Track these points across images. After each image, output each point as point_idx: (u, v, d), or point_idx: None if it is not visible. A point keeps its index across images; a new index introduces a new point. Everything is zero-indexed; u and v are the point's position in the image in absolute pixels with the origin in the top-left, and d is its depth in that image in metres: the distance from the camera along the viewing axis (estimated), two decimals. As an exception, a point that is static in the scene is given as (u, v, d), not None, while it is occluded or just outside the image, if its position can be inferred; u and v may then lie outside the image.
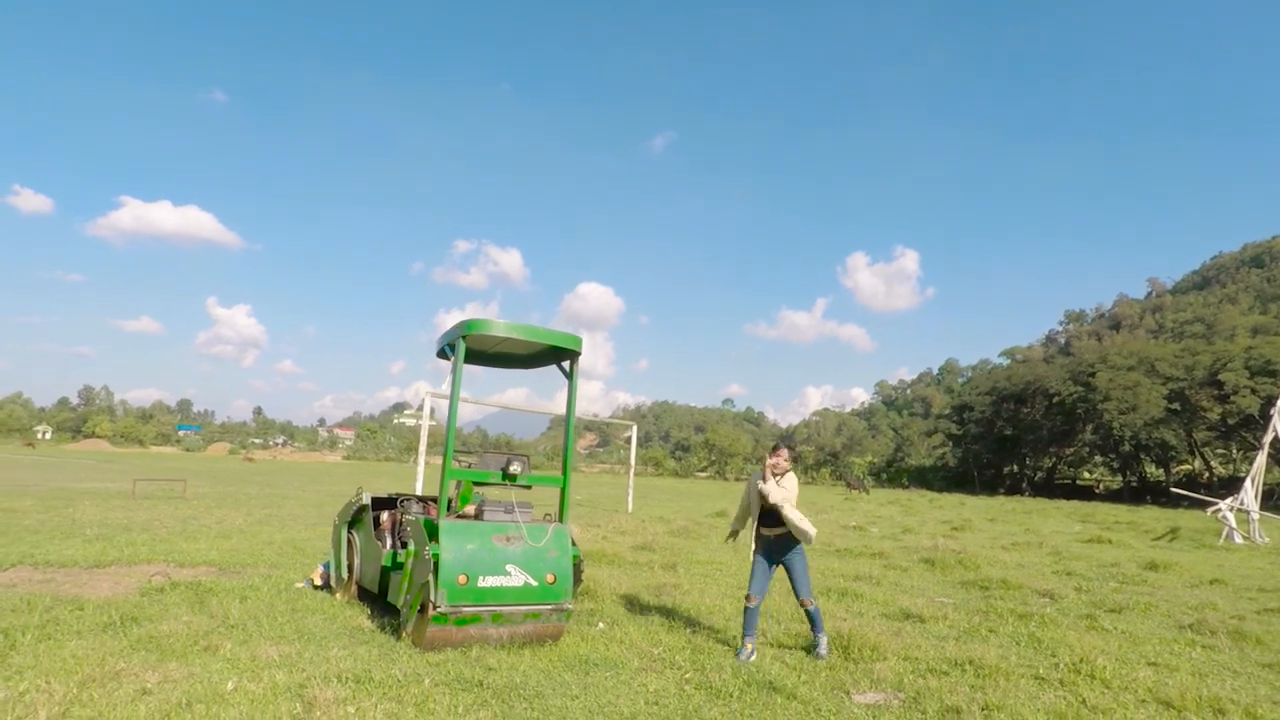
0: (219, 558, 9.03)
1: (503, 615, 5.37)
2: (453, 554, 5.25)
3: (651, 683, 4.87)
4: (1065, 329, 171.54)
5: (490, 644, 5.38)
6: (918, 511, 27.62)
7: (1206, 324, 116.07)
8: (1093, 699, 4.80)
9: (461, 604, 5.20)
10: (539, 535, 5.65)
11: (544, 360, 6.68)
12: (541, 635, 5.56)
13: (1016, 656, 5.86)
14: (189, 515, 14.17)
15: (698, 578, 9.38)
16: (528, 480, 5.93)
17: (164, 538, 10.58)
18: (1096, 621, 7.34)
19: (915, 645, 6.07)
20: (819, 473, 76.91)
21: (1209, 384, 45.30)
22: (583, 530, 13.62)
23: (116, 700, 3.91)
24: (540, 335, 5.87)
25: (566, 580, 5.61)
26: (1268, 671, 5.75)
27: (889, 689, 4.92)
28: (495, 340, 6.11)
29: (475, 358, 6.74)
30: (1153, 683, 5.18)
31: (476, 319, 5.67)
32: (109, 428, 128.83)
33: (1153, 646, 6.41)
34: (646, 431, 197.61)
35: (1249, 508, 18.70)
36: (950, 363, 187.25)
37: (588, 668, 5.13)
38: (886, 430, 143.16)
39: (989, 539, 16.68)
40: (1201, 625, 7.12)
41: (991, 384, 64.62)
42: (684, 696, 4.63)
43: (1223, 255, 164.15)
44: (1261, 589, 10.09)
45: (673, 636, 6.07)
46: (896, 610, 7.54)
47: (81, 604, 6.04)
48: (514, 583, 5.40)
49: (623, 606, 7.22)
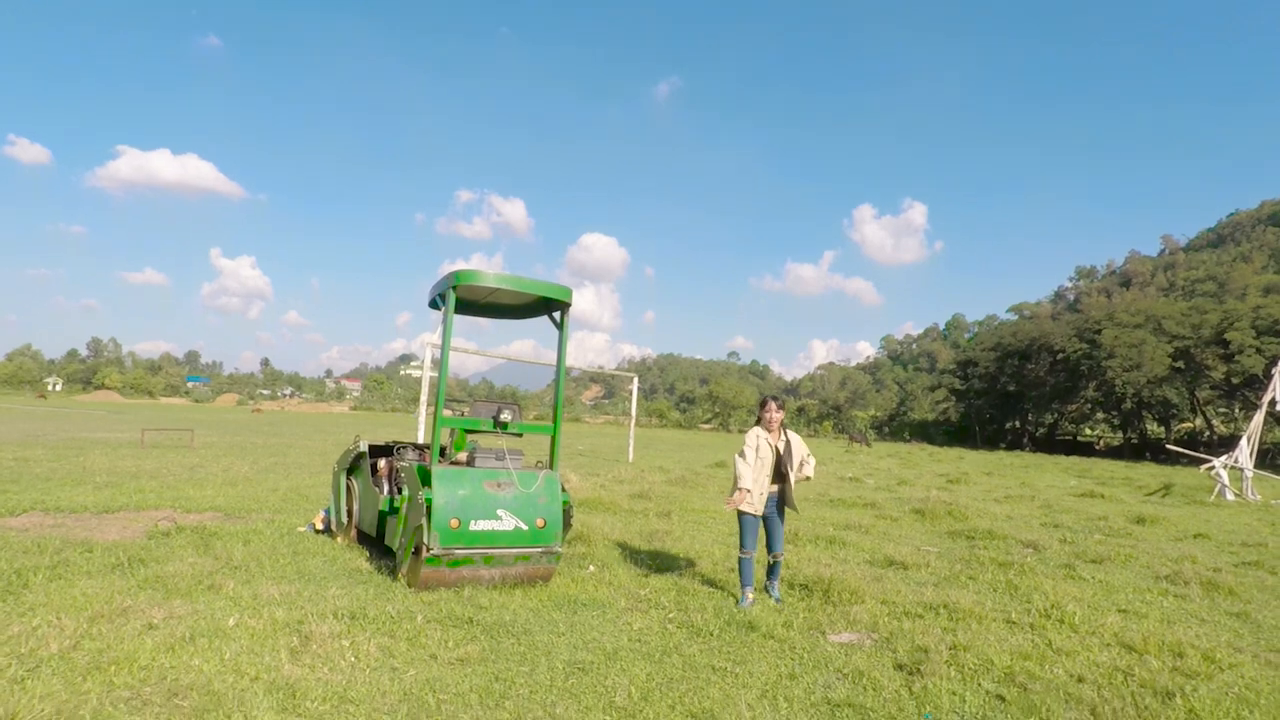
0: (224, 504, 9.30)
1: (494, 557, 5.57)
2: (445, 499, 5.42)
3: (636, 621, 5.08)
4: (1075, 285, 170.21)
5: (482, 584, 5.59)
6: (916, 465, 27.94)
7: (1218, 282, 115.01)
8: (1058, 641, 4.99)
9: (454, 546, 5.39)
10: (529, 481, 5.81)
11: (535, 311, 6.77)
12: (532, 577, 5.77)
13: (991, 602, 6.07)
14: (196, 464, 14.48)
15: (690, 525, 9.62)
16: (518, 428, 6.08)
17: (171, 485, 10.86)
18: (1075, 571, 7.55)
19: (895, 591, 6.27)
20: (821, 426, 77.41)
21: (1215, 343, 45.09)
22: (581, 479, 13.89)
23: (124, 634, 4.13)
24: (529, 286, 5.95)
25: (556, 525, 5.80)
26: (1234, 620, 5.94)
27: (864, 630, 5.13)
28: (485, 291, 6.18)
29: (466, 308, 6.83)
30: (1119, 628, 5.37)
31: (466, 269, 5.74)
32: (118, 379, 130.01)
33: (1125, 595, 6.61)
34: (652, 384, 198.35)
35: (1243, 465, 18.87)
36: (957, 318, 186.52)
37: (576, 607, 5.35)
38: (891, 385, 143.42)
39: (983, 492, 16.94)
40: (1177, 576, 7.32)
41: (996, 340, 64.48)
42: (666, 634, 4.84)
43: (1239, 213, 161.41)
44: (1244, 543, 10.28)
45: (660, 580, 6.29)
46: (881, 558, 7.76)
47: (91, 546, 6.28)
48: (505, 527, 5.59)
49: (614, 551, 7.44)
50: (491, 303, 6.72)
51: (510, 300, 6.63)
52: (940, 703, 3.85)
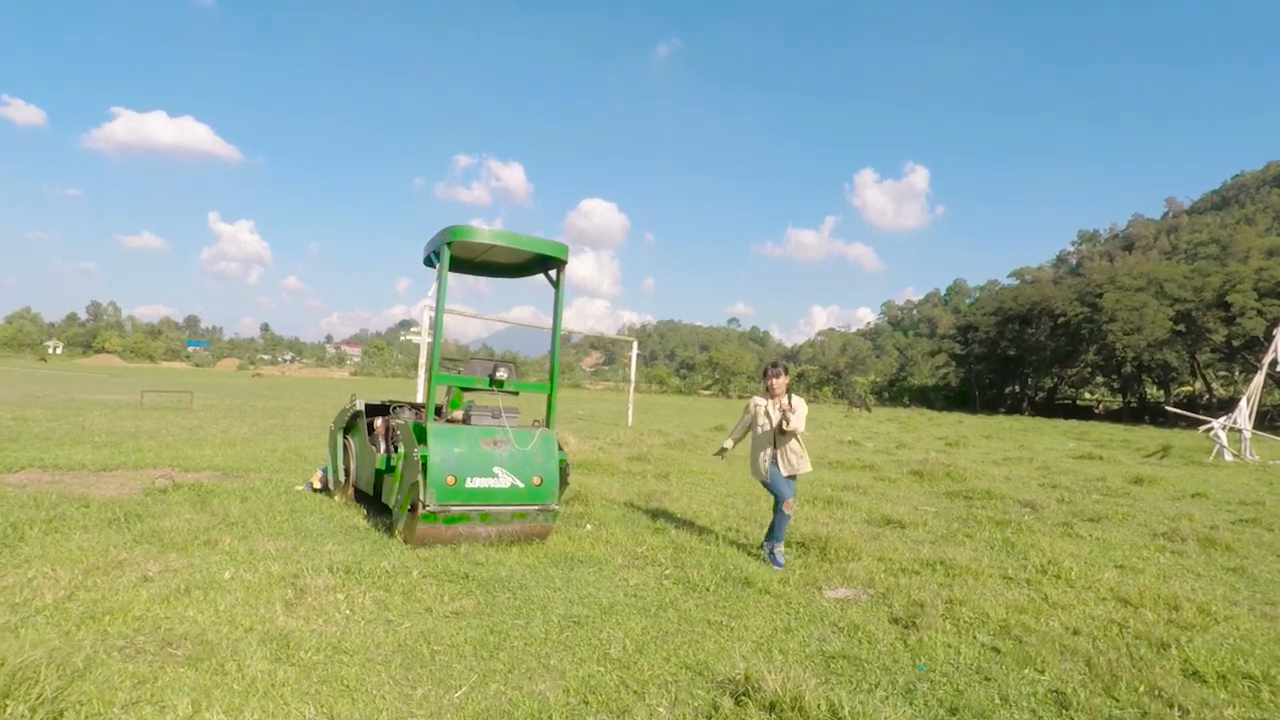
0: (223, 463, 9.29)
1: (490, 515, 5.56)
2: (441, 456, 5.39)
3: (632, 578, 5.09)
4: (1077, 249, 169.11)
5: (479, 542, 5.59)
6: (915, 429, 28.02)
7: (1221, 245, 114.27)
8: (1054, 596, 5.00)
9: (450, 503, 5.37)
10: (526, 439, 5.78)
11: (531, 269, 6.66)
12: (529, 534, 5.77)
13: (988, 559, 6.08)
14: (195, 425, 14.48)
15: (689, 486, 9.64)
16: (515, 386, 6.03)
17: (170, 444, 10.86)
18: (1072, 529, 7.56)
19: (892, 548, 6.28)
20: (821, 391, 77.59)
21: (1217, 305, 44.94)
22: (580, 442, 13.89)
23: (119, 586, 4.12)
24: (525, 243, 5.84)
25: (553, 483, 5.78)
26: (1230, 575, 5.96)
27: (860, 586, 5.13)
28: (481, 248, 6.08)
29: (461, 266, 6.72)
30: (1115, 583, 5.38)
31: (461, 226, 5.63)
32: (119, 343, 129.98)
33: (1122, 552, 6.63)
34: (652, 350, 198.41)
35: (1242, 426, 18.89)
36: (958, 283, 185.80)
37: (572, 564, 5.35)
38: (891, 351, 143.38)
39: (981, 454, 16.99)
40: (1174, 533, 7.33)
41: (997, 304, 64.27)
42: (662, 590, 4.84)
43: (1244, 175, 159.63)
44: (1242, 502, 10.32)
45: (657, 538, 6.29)
46: (878, 517, 7.77)
47: (88, 502, 6.27)
48: (501, 484, 5.57)
49: (612, 511, 7.45)
50: (487, 261, 6.61)
51: (506, 258, 6.52)
52: (935, 655, 3.85)
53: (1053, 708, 3.28)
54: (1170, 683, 3.54)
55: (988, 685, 3.49)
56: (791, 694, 3.02)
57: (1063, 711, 3.24)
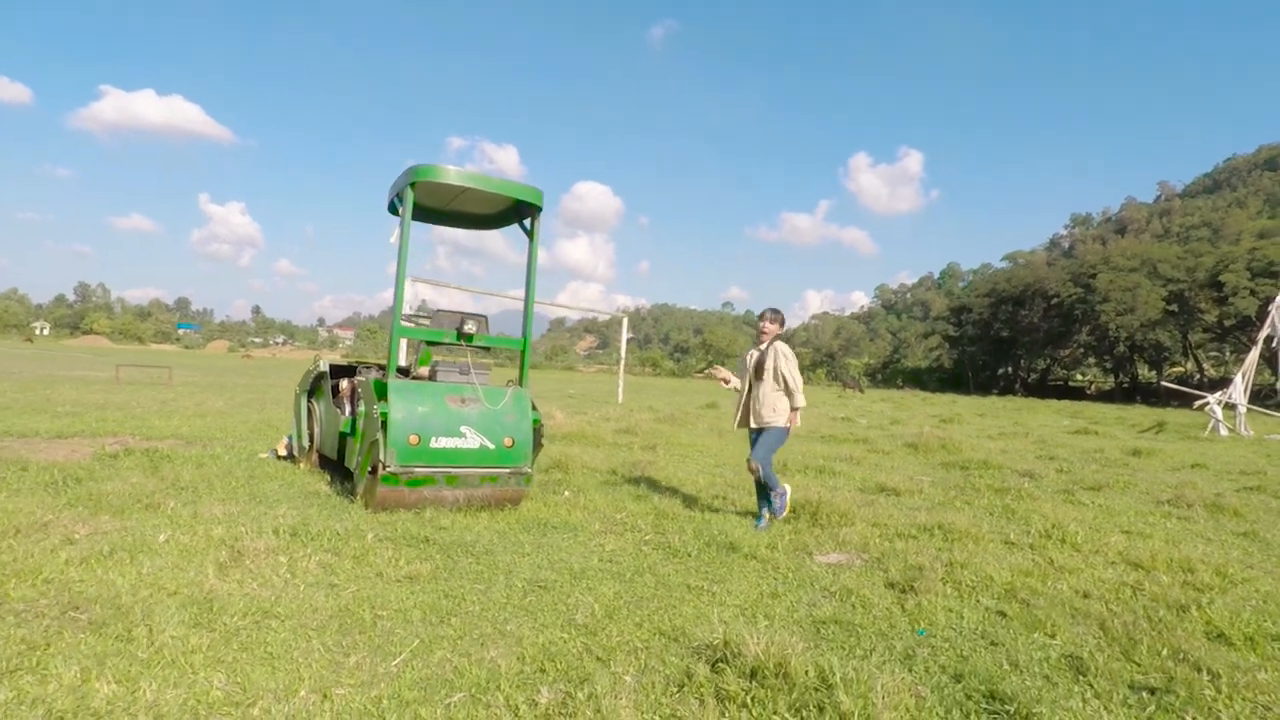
0: (189, 432, 8.89)
1: (458, 477, 5.18)
2: (403, 413, 5.00)
3: (609, 543, 4.72)
4: (1070, 232, 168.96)
5: (446, 506, 5.22)
6: (909, 408, 27.75)
7: (1213, 228, 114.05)
8: (1061, 560, 4.66)
9: (413, 464, 4.99)
10: (496, 398, 5.39)
11: (505, 219, 6.24)
12: (500, 499, 5.39)
13: (989, 525, 5.74)
14: (169, 399, 14.04)
15: (676, 457, 9.29)
16: (485, 341, 5.63)
17: (137, 415, 10.43)
18: (1074, 497, 7.24)
19: (887, 515, 5.94)
20: (815, 374, 77.43)
21: (1209, 285, 44.78)
22: (567, 417, 13.51)
23: (36, 549, 3.72)
24: (498, 186, 5.41)
25: (526, 444, 5.40)
26: (1242, 539, 5.64)
27: (853, 550, 4.79)
28: (450, 193, 5.66)
29: (429, 215, 6.29)
30: (1124, 547, 5.05)
31: (426, 165, 5.19)
32: (107, 324, 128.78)
33: (1128, 518, 6.31)
34: (646, 334, 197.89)
35: (1237, 401, 18.68)
36: (952, 266, 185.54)
37: (546, 530, 4.99)
38: (885, 334, 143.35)
39: (976, 430, 16.70)
40: (1179, 500, 7.02)
41: (991, 286, 64.06)
42: (640, 555, 4.48)
43: (1236, 158, 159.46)
44: (1243, 472, 10.04)
45: (639, 505, 5.93)
46: (873, 485, 7.43)
47: (26, 465, 5.86)
48: (469, 444, 5.18)
49: (593, 478, 7.09)
50: (458, 210, 6.19)
51: (478, 206, 6.10)
52: (936, 619, 3.50)
53: (1068, 673, 2.93)
54: (1194, 645, 3.20)
55: (994, 650, 3.14)
56: (776, 659, 2.66)
57: (1080, 677, 2.89)
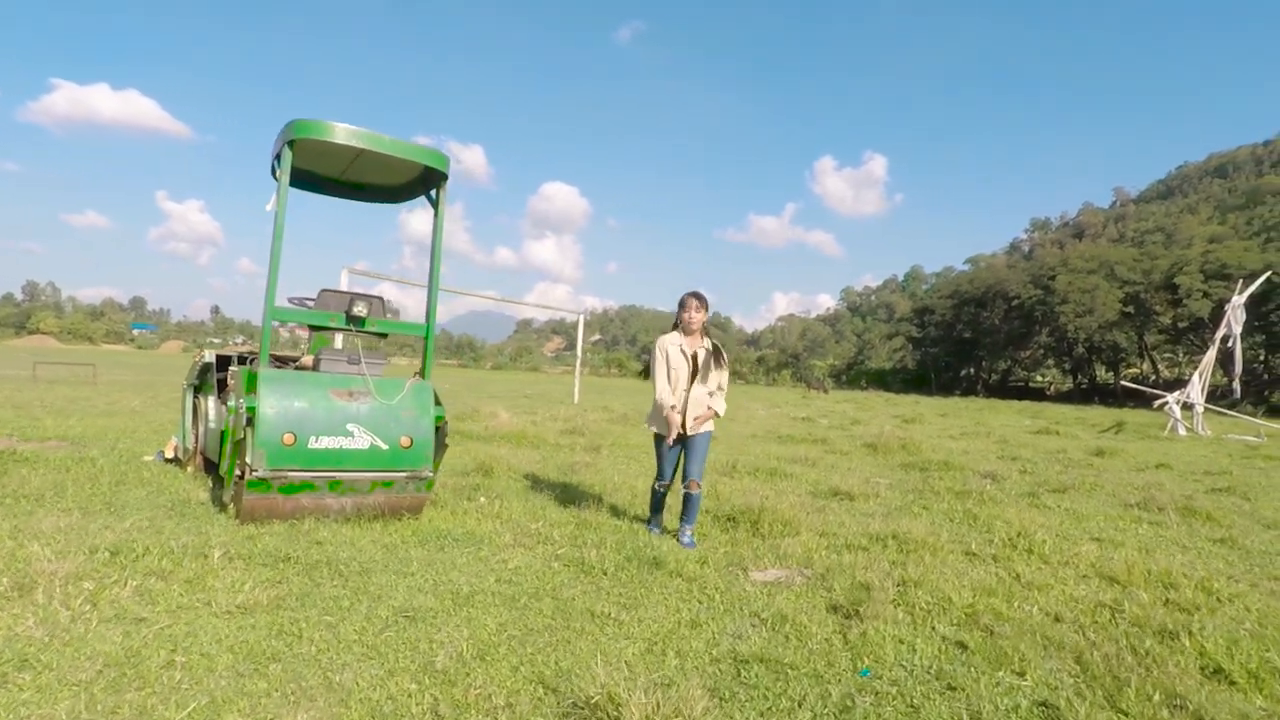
0: (80, 433, 8.00)
1: (344, 483, 4.47)
2: (276, 408, 4.28)
3: (515, 559, 4.06)
4: (1030, 237, 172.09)
5: (331, 516, 4.50)
6: (871, 408, 27.45)
7: (1166, 233, 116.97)
8: (1028, 574, 4.11)
9: (286, 468, 4.27)
10: (391, 391, 4.69)
11: (411, 190, 5.53)
12: (397, 507, 4.69)
13: (948, 533, 5.19)
14: (84, 397, 13.01)
15: (620, 459, 8.65)
16: (380, 326, 4.91)
17: (31, 414, 9.47)
18: (1039, 500, 6.76)
19: (837, 522, 5.37)
20: (780, 375, 77.44)
21: (1165, 288, 45.45)
22: (513, 416, 12.77)
23: None
24: (394, 147, 4.69)
25: (426, 444, 4.70)
26: (1220, 547, 5.17)
27: (795, 565, 4.18)
28: (342, 156, 4.94)
29: (325, 185, 5.54)
30: (1095, 557, 4.53)
31: (306, 120, 4.47)
32: (55, 324, 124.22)
33: (1097, 523, 5.82)
34: (614, 335, 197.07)
35: (1194, 401, 18.65)
36: (915, 269, 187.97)
37: (445, 543, 4.31)
38: (850, 336, 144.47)
39: (938, 430, 16.34)
40: (1149, 503, 6.58)
41: (954, 287, 64.53)
42: (547, 574, 3.82)
43: (1187, 165, 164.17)
44: (1207, 472, 9.71)
45: (560, 513, 5.27)
46: (825, 488, 6.86)
47: None
48: (358, 445, 4.47)
49: (518, 483, 6.41)
50: (354, 179, 5.46)
51: (378, 176, 5.39)
52: (883, 654, 2.90)
53: (1042, 729, 2.35)
54: (1190, 686, 2.64)
55: (952, 697, 2.55)
56: (669, 724, 2.03)
57: (1056, 735, 2.31)
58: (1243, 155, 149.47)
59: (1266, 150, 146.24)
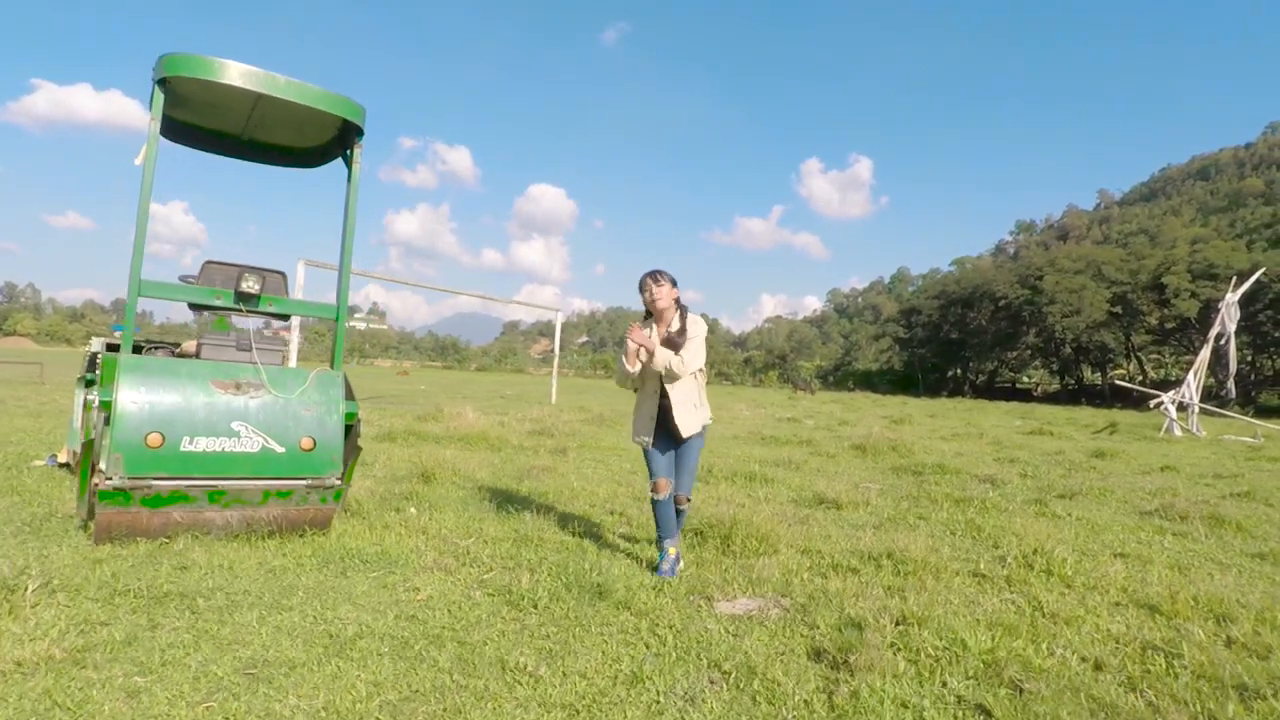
0: (-19, 437, 7.17)
1: (228, 493, 3.69)
2: (138, 403, 3.50)
3: (430, 586, 3.31)
4: (1015, 239, 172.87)
5: (215, 534, 3.73)
6: (859, 409, 26.83)
7: (1150, 235, 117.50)
8: (1051, 603, 3.40)
9: (151, 475, 3.49)
10: (290, 383, 3.92)
11: (326, 151, 4.74)
12: (297, 521, 3.92)
13: (950, 549, 4.48)
14: (20, 397, 12.12)
15: (586, 462, 7.89)
16: (276, 304, 4.14)
17: (-61, 416, 8.61)
18: (1047, 508, 6.06)
19: (822, 536, 4.65)
20: (766, 375, 76.99)
21: (1152, 288, 45.20)
22: (479, 416, 11.99)
23: None
24: (294, 92, 3.91)
25: (333, 447, 3.93)
26: (1261, 563, 4.48)
27: (770, 593, 3.45)
28: (238, 110, 4.17)
29: (224, 145, 4.74)
30: (1125, 579, 3.83)
31: (180, 54, 3.69)
32: (33, 325, 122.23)
33: (1116, 535, 5.12)
34: (601, 336, 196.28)
35: (1189, 401, 18.14)
36: (902, 271, 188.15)
37: (349, 566, 3.55)
38: (837, 337, 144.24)
39: (928, 431, 15.70)
40: (1169, 510, 5.89)
41: (940, 288, 64.20)
42: (464, 607, 3.07)
43: (1170, 168, 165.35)
44: (1216, 475, 9.08)
45: (499, 526, 4.51)
46: (809, 495, 6.15)
47: None
48: (245, 448, 3.70)
49: (461, 491, 5.65)
50: (258, 138, 4.68)
51: (285, 134, 4.62)
52: (880, 724, 2.17)
53: None
54: (1297, 776, 1.93)
55: (979, 800, 1.82)
56: None
57: None
58: (1225, 158, 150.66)
59: (1248, 153, 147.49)
